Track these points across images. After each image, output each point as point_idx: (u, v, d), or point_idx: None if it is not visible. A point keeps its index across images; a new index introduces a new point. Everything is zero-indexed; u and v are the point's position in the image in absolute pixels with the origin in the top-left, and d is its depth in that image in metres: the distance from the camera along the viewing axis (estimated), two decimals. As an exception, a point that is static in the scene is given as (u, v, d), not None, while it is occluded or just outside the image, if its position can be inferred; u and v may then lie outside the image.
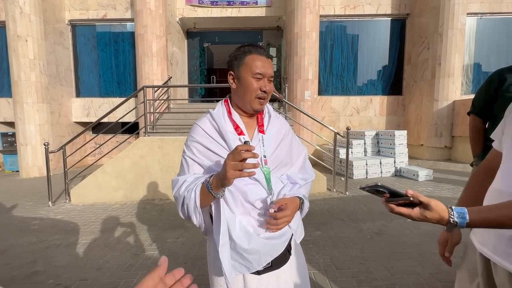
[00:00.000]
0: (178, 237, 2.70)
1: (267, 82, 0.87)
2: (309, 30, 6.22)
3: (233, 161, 0.67)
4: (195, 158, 0.87)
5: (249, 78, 0.86)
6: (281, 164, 0.93)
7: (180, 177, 0.87)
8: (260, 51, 0.88)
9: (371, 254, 2.20)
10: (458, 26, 6.08)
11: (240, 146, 0.68)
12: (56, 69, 6.72)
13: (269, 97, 0.91)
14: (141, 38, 6.19)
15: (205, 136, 0.88)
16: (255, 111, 0.90)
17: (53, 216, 3.49)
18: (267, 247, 0.82)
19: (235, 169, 0.68)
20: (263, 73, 0.85)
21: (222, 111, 0.92)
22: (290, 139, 0.99)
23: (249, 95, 0.86)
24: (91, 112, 7.31)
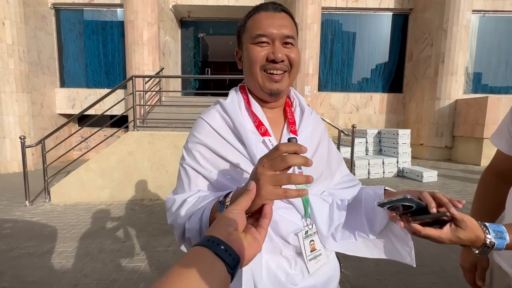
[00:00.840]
0: (169, 245, 2.41)
1: (281, 46, 0.58)
2: (311, 22, 5.93)
3: (273, 170, 0.40)
4: (199, 169, 0.59)
5: (250, 47, 0.59)
6: (322, 178, 0.66)
7: (177, 196, 0.59)
8: (268, 6, 0.59)
9: (387, 268, 1.97)
10: (463, 22, 5.90)
11: (283, 145, 0.40)
12: (38, 56, 6.21)
13: (294, 71, 0.61)
14: (131, 25, 5.76)
15: (215, 136, 0.60)
16: (271, 94, 0.60)
17: (29, 218, 3.13)
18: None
19: (276, 184, 0.40)
20: (269, 34, 0.57)
21: (238, 101, 0.64)
22: (327, 142, 0.71)
23: (253, 68, 0.59)
24: (76, 103, 6.84)
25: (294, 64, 0.60)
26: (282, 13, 0.59)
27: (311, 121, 0.67)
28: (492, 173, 0.78)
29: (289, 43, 0.59)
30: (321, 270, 0.61)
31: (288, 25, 0.59)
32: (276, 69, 0.58)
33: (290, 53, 0.59)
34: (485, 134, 5.35)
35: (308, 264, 0.59)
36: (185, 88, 8.01)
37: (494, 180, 0.78)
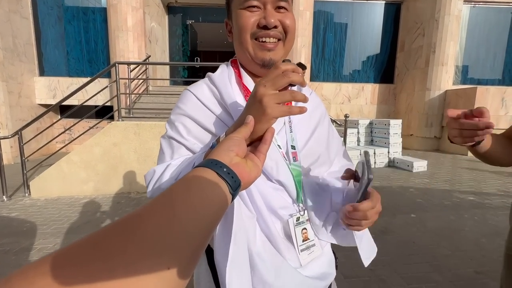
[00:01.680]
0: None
1: (273, 11, 0.51)
2: (303, 9, 5.76)
3: (274, 89, 0.40)
4: (181, 140, 0.53)
5: (239, 13, 0.52)
6: (319, 162, 0.59)
7: (158, 166, 0.52)
8: None
9: (381, 258, 1.95)
10: (455, 12, 5.89)
11: (283, 64, 0.41)
12: (12, 41, 5.80)
13: (289, 39, 0.54)
14: (113, 9, 5.43)
15: (201, 108, 0.54)
16: (264, 64, 0.53)
17: (7, 214, 2.95)
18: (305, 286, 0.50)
19: (280, 101, 0.40)
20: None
21: (229, 74, 0.57)
22: (327, 126, 0.64)
23: (243, 36, 0.53)
24: (57, 93, 6.49)
25: (289, 30, 0.53)
26: None
27: (310, 100, 0.58)
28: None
29: (283, 7, 0.52)
30: (314, 264, 0.54)
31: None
32: (269, 36, 0.51)
33: (284, 19, 0.52)
34: (473, 125, 5.42)
35: (300, 255, 0.52)
36: (173, 76, 7.73)
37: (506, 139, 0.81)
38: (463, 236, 2.26)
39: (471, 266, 1.82)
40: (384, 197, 3.19)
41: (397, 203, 3.05)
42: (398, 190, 3.54)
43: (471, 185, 3.68)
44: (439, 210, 2.82)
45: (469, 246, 2.08)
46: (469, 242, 2.15)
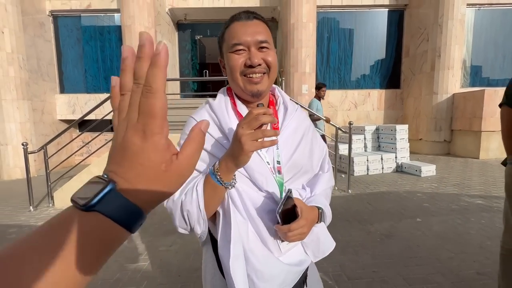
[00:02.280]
0: (171, 245, 2.46)
1: (256, 51, 0.63)
2: (306, 21, 5.97)
3: (249, 129, 0.52)
4: None
5: (229, 55, 0.64)
6: (301, 172, 0.71)
7: None
8: (241, 16, 0.65)
9: (384, 260, 2.02)
10: (458, 16, 5.93)
11: (256, 109, 0.52)
12: (37, 63, 6.29)
13: (272, 72, 0.66)
14: (128, 30, 5.82)
15: None
16: (253, 95, 0.65)
17: (34, 223, 3.19)
18: (283, 273, 0.63)
19: (253, 139, 0.52)
20: (244, 42, 0.62)
21: (225, 101, 0.69)
22: (311, 138, 0.76)
23: (234, 74, 0.64)
24: (76, 109, 6.91)
25: (272, 65, 0.65)
26: (254, 20, 0.64)
27: (294, 119, 0.72)
28: None
29: (265, 47, 0.64)
30: (293, 253, 0.67)
31: (261, 31, 0.63)
32: (255, 73, 0.63)
33: (266, 56, 0.64)
34: (483, 127, 5.37)
35: (281, 245, 0.65)
36: (183, 90, 8.07)
37: None
38: (468, 239, 2.28)
39: (473, 268, 1.86)
40: (390, 202, 3.25)
41: (403, 208, 3.09)
42: (405, 195, 3.56)
43: (480, 188, 3.65)
44: (445, 214, 2.84)
45: (474, 248, 2.11)
46: (474, 244, 2.18)
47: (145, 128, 0.23)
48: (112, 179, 0.23)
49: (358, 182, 4.30)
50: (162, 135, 0.24)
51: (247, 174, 0.64)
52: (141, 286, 1.87)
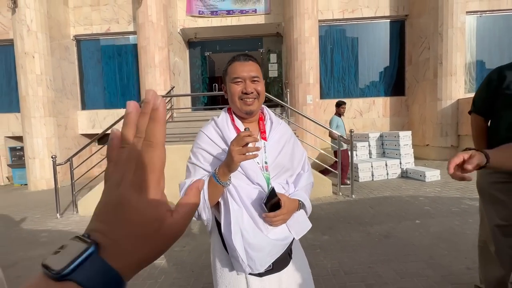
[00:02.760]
0: (185, 246, 2.70)
1: (250, 83, 0.88)
2: (308, 35, 6.28)
3: (237, 146, 0.74)
4: (200, 164, 0.90)
5: (230, 85, 0.90)
6: (283, 170, 0.95)
7: (187, 180, 0.90)
8: (240, 57, 0.91)
9: (380, 258, 2.17)
10: (458, 25, 6.08)
11: (242, 132, 0.75)
12: (62, 83, 6.88)
13: (261, 97, 0.92)
14: (143, 50, 6.33)
15: (210, 143, 0.91)
16: (247, 113, 0.91)
17: (62, 228, 3.52)
18: (270, 246, 0.85)
19: (240, 153, 0.74)
20: (241, 76, 0.88)
21: (226, 118, 0.95)
22: (292, 144, 0.99)
23: (234, 98, 0.90)
24: (96, 124, 7.43)
25: (260, 93, 0.92)
26: (249, 61, 0.91)
27: (279, 130, 0.97)
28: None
29: (256, 80, 0.90)
30: (279, 229, 0.89)
31: (254, 69, 0.90)
32: (248, 98, 0.90)
33: (257, 87, 0.90)
34: (489, 132, 5.38)
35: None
36: (194, 104, 8.50)
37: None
38: (463, 238, 2.40)
39: (464, 263, 1.99)
40: (392, 206, 3.38)
41: (404, 211, 3.21)
42: (408, 199, 3.67)
43: (484, 192, 3.70)
44: (445, 216, 2.94)
45: (467, 247, 2.23)
46: (468, 243, 2.29)
47: (142, 181, 0.22)
48: (95, 240, 0.21)
49: (363, 188, 4.43)
50: (158, 190, 0.23)
51: (242, 171, 0.88)
52: (159, 279, 2.11)
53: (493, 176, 1.46)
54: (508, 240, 1.43)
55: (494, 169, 0.80)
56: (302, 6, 6.21)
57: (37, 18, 6.08)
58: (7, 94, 7.47)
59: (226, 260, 0.89)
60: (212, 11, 7.40)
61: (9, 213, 4.29)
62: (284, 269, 0.91)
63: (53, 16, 6.64)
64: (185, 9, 7.48)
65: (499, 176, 1.43)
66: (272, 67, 8.35)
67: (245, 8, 7.34)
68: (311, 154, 5.84)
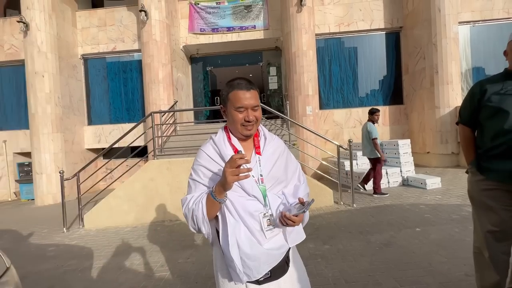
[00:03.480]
0: (189, 257, 2.75)
1: (251, 112, 0.97)
2: (306, 49, 6.50)
3: (230, 168, 0.80)
4: (200, 180, 0.99)
5: (233, 112, 0.98)
6: (278, 182, 1.03)
7: (188, 195, 0.99)
8: (241, 85, 0.99)
9: (380, 266, 2.21)
10: (451, 35, 6.26)
11: (235, 155, 0.81)
12: (69, 100, 7.13)
13: (259, 122, 1.03)
14: (148, 67, 6.58)
15: (209, 160, 1.00)
16: (245, 136, 1.01)
17: (68, 242, 3.60)
18: (266, 256, 0.92)
19: (233, 175, 0.80)
20: (244, 106, 0.97)
21: (223, 137, 1.04)
22: (285, 158, 1.08)
23: (236, 125, 0.99)
24: (102, 138, 7.62)
25: (258, 119, 1.02)
26: (251, 90, 1.01)
27: (272, 145, 1.07)
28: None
29: (256, 109, 1.01)
30: (275, 238, 0.96)
31: (254, 97, 1.01)
32: (250, 124, 1.00)
33: (256, 114, 1.01)
34: (488, 138, 5.42)
35: (266, 233, 0.95)
36: (197, 118, 8.69)
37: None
38: (462, 245, 2.42)
39: (463, 270, 2.02)
40: (393, 214, 3.43)
41: (404, 219, 3.24)
42: (408, 206, 3.70)
43: (484, 199, 3.72)
44: (445, 224, 2.97)
45: (466, 253, 2.25)
46: (467, 250, 2.31)
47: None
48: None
49: (364, 197, 4.46)
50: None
51: (239, 184, 0.97)
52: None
53: (482, 183, 1.53)
54: (501, 246, 1.49)
55: None
56: (299, 22, 6.47)
57: (47, 39, 6.40)
58: (17, 112, 7.75)
59: (227, 270, 0.96)
60: (213, 28, 7.71)
61: (17, 228, 4.39)
62: (283, 276, 0.97)
63: (62, 37, 6.97)
64: (187, 27, 7.81)
65: (487, 183, 1.50)
66: (272, 80, 8.57)
67: (244, 25, 7.65)
68: (313, 165, 5.90)
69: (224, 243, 0.92)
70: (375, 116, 4.50)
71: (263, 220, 0.94)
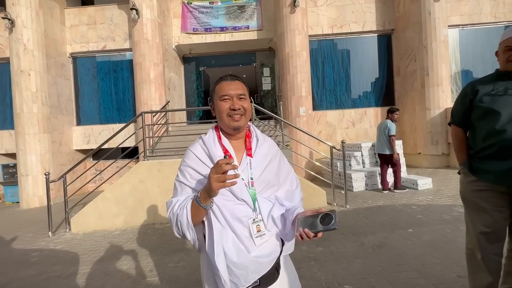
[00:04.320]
0: (179, 261, 2.68)
1: (237, 100, 0.92)
2: (299, 49, 6.50)
3: (216, 174, 0.74)
4: (186, 182, 0.93)
5: (218, 103, 0.94)
6: (269, 186, 0.96)
7: (174, 198, 0.92)
8: (226, 77, 0.96)
9: (373, 268, 2.18)
10: (441, 38, 6.37)
11: (221, 160, 0.75)
12: (57, 99, 6.92)
13: (248, 114, 0.96)
14: (139, 66, 6.45)
15: (197, 161, 0.93)
16: (234, 129, 0.93)
17: (53, 247, 3.46)
18: (254, 264, 0.86)
19: (219, 181, 0.74)
20: (229, 94, 0.92)
21: (213, 136, 0.98)
22: (278, 161, 1.02)
23: (222, 115, 0.93)
24: (91, 139, 7.43)
25: (247, 109, 0.96)
26: (236, 81, 0.96)
27: (265, 147, 1.00)
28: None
29: (242, 98, 0.95)
30: (264, 245, 0.90)
31: (240, 88, 0.95)
32: (236, 114, 0.93)
33: (243, 104, 0.94)
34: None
35: (255, 240, 0.88)
36: (190, 118, 8.58)
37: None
38: (454, 246, 2.43)
39: (455, 271, 2.02)
40: (385, 215, 3.42)
41: (397, 220, 3.25)
42: (401, 207, 3.71)
43: (474, 199, 3.77)
44: (437, 224, 2.98)
45: (458, 254, 2.26)
46: (459, 251, 2.32)
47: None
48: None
49: (357, 198, 4.47)
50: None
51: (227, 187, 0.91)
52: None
53: (474, 184, 1.52)
54: (493, 247, 1.48)
55: None
56: (293, 23, 6.47)
57: (34, 37, 6.20)
58: (1, 111, 7.47)
59: (213, 279, 0.90)
60: (206, 28, 7.64)
61: (0, 233, 4.20)
62: (272, 284, 0.91)
63: (50, 35, 6.77)
64: (180, 27, 7.71)
65: (479, 184, 1.49)
66: (265, 81, 8.54)
67: (238, 25, 7.60)
68: (306, 166, 5.89)
69: (210, 251, 0.86)
70: (394, 115, 4.65)
71: (253, 226, 0.89)
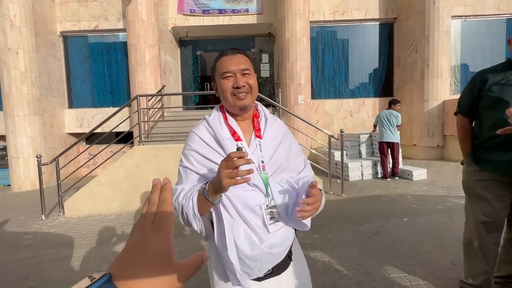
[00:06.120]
0: (176, 246, 2.67)
1: (241, 77, 0.83)
2: (300, 36, 6.33)
3: (227, 169, 0.66)
4: (192, 168, 0.85)
5: (220, 81, 0.85)
6: (281, 169, 0.89)
7: (178, 186, 0.85)
8: (227, 52, 0.85)
9: (369, 255, 2.21)
10: (444, 28, 6.27)
11: (233, 153, 0.66)
12: (48, 80, 6.67)
13: (254, 91, 0.87)
14: (133, 48, 6.21)
15: (202, 144, 0.86)
16: (240, 109, 0.85)
17: (47, 230, 3.41)
18: (268, 256, 0.80)
19: (230, 177, 0.66)
20: (231, 70, 0.83)
21: (218, 117, 0.89)
22: (289, 142, 0.95)
23: (225, 95, 0.84)
24: (84, 122, 7.24)
25: (253, 86, 0.86)
26: (237, 54, 0.86)
27: (274, 127, 0.92)
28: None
29: (246, 73, 0.85)
30: (278, 232, 0.84)
31: (243, 62, 0.85)
32: (241, 92, 0.84)
33: (248, 80, 0.85)
34: (472, 132, 5.57)
35: (269, 227, 0.83)
36: (186, 103, 8.41)
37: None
38: (448, 235, 2.47)
39: (449, 259, 2.05)
40: (381, 204, 3.45)
41: (392, 209, 3.29)
42: (396, 197, 3.76)
43: (468, 190, 3.84)
44: (431, 214, 3.03)
45: (452, 243, 2.30)
46: (453, 239, 2.36)
47: (160, 226, 0.30)
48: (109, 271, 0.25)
49: (353, 187, 4.50)
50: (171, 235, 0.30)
51: None
52: (149, 281, 2.07)
53: (477, 174, 1.51)
54: (492, 236, 1.50)
55: None
56: (294, 7, 6.26)
57: (21, 12, 5.87)
58: (-11, 91, 7.17)
59: (223, 270, 0.85)
60: (203, 10, 7.35)
61: (-9, 215, 4.13)
62: (284, 271, 0.87)
63: (39, 11, 6.42)
64: (176, 7, 7.40)
65: (482, 174, 1.49)
66: (264, 67, 8.36)
67: (237, 8, 7.33)
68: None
69: (220, 244, 0.80)
70: (397, 106, 4.95)
71: (266, 212, 0.82)
